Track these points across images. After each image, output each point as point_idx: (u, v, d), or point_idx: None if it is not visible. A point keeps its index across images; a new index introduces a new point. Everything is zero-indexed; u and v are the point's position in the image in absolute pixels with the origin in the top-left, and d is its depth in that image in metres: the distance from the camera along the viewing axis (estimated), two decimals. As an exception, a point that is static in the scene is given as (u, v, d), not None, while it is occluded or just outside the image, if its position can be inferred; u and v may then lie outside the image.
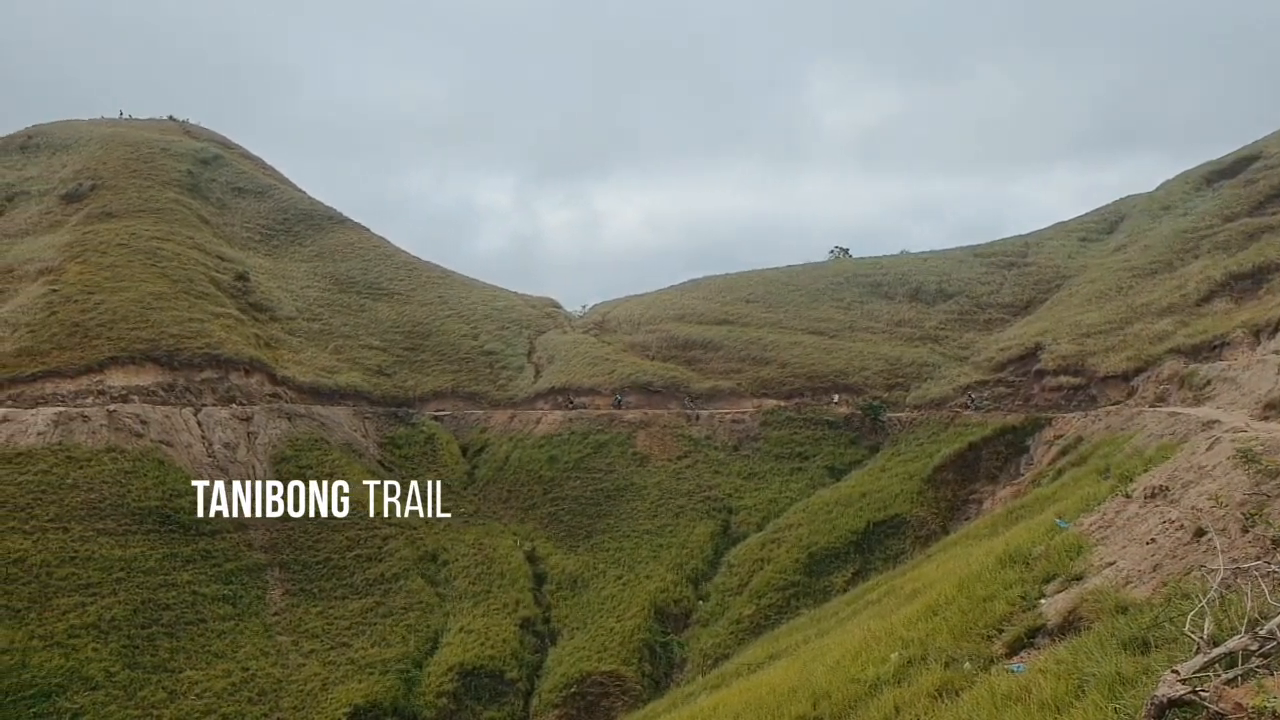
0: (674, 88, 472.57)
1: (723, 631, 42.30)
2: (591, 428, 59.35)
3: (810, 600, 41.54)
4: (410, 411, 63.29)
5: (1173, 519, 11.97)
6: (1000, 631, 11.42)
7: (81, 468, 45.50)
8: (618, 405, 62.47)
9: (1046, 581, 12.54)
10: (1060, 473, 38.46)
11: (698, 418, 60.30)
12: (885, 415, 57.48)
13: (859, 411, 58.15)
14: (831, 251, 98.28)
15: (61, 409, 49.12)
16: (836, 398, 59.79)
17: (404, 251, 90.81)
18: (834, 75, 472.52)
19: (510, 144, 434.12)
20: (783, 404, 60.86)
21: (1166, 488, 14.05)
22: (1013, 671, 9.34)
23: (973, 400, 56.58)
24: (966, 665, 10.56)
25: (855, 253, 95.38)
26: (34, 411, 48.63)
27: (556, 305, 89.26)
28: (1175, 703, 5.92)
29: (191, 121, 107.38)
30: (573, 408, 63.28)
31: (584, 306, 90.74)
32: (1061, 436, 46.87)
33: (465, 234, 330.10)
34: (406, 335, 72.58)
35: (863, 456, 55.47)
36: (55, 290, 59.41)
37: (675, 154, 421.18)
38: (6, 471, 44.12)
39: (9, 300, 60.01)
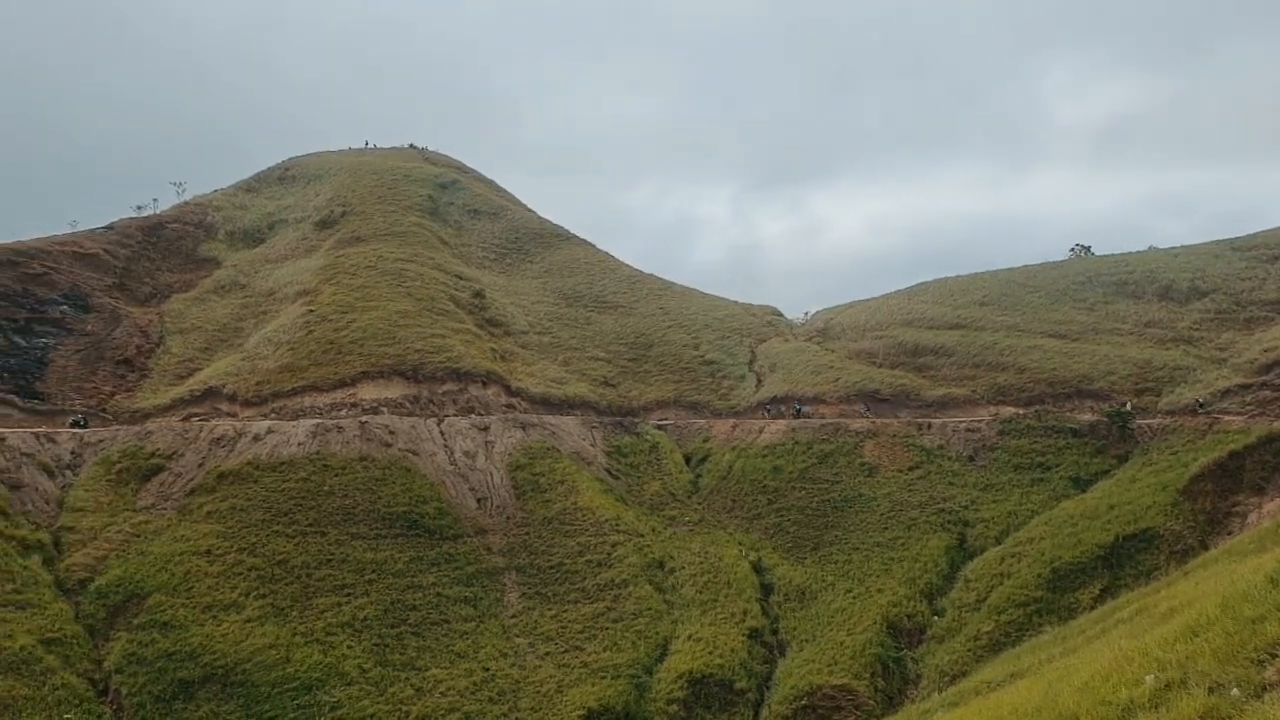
0: (899, 88, 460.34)
1: (960, 648, 40.66)
2: (816, 437, 58.49)
3: (1054, 617, 39.27)
4: (634, 421, 64.51)
5: None
6: (1273, 656, 10.35)
7: (336, 475, 49.03)
8: (798, 415, 61.69)
9: (1328, 603, 11.30)
10: (1341, 484, 34.94)
11: (929, 426, 58.36)
12: (1134, 422, 53.78)
13: (1105, 419, 54.68)
14: (1072, 250, 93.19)
15: (318, 421, 53.15)
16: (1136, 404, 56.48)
17: (627, 265, 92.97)
18: (1068, 67, 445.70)
19: (730, 154, 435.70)
20: (1021, 411, 58.08)
21: None
22: (1290, 701, 8.45)
23: (1201, 405, 52.69)
24: (1234, 692, 9.64)
25: (1097, 251, 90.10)
26: (295, 423, 52.85)
27: (777, 313, 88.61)
28: None
29: (430, 149, 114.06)
30: (792, 416, 62.84)
31: (806, 314, 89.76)
32: (1342, 444, 42.58)
33: (683, 246, 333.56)
34: (630, 346, 74.14)
35: (1110, 466, 52.10)
36: (312, 310, 64.48)
37: (899, 156, 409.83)
38: (272, 479, 48.17)
39: (272, 320, 65.61)
